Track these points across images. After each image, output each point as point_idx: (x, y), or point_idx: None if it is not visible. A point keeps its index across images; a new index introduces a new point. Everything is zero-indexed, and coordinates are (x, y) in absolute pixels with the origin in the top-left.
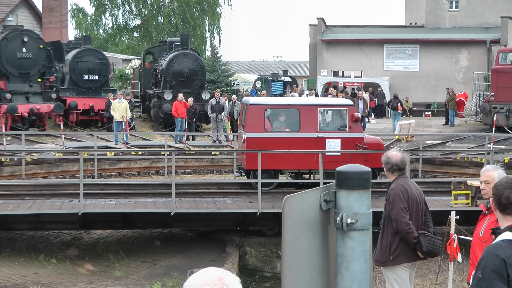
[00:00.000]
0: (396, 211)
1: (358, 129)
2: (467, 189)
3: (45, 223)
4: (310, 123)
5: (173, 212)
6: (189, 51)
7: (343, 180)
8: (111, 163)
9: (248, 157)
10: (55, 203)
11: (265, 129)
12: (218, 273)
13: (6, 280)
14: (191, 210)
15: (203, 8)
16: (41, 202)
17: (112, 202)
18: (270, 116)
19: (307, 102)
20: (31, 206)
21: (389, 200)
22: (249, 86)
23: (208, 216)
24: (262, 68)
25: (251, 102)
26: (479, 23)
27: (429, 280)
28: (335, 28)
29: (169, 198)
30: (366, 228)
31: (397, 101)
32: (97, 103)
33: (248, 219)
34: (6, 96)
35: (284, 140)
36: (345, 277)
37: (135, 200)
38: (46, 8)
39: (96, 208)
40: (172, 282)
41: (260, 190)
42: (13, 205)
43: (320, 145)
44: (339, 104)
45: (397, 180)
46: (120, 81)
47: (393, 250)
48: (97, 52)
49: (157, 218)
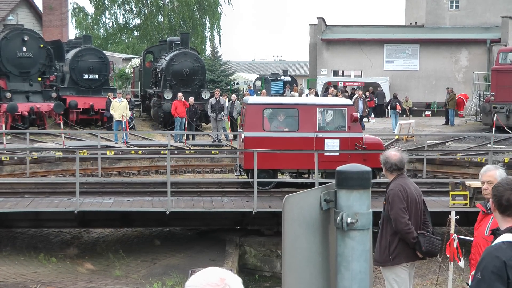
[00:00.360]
0: (395, 211)
1: (357, 129)
2: (465, 189)
3: (44, 221)
4: (309, 122)
5: (169, 211)
6: (189, 51)
7: (343, 180)
8: (111, 162)
9: (246, 157)
10: (53, 201)
11: (264, 128)
12: (220, 273)
13: (6, 279)
14: (186, 209)
15: (203, 7)
16: (40, 200)
17: (110, 200)
18: (269, 115)
19: (306, 102)
20: (29, 204)
21: (388, 200)
22: (248, 85)
23: (206, 215)
24: (262, 67)
25: (249, 101)
26: (480, 23)
27: (428, 280)
28: (335, 28)
29: (166, 197)
30: (366, 228)
31: (396, 100)
32: (97, 102)
33: (246, 218)
34: (6, 95)
35: (282, 140)
36: (345, 276)
37: (133, 198)
38: (47, 8)
39: (93, 206)
40: (172, 281)
41: (255, 189)
42: (11, 203)
43: (319, 145)
44: (338, 104)
45: (396, 180)
46: (120, 80)
47: (392, 250)
48: (97, 51)
49: (155, 217)
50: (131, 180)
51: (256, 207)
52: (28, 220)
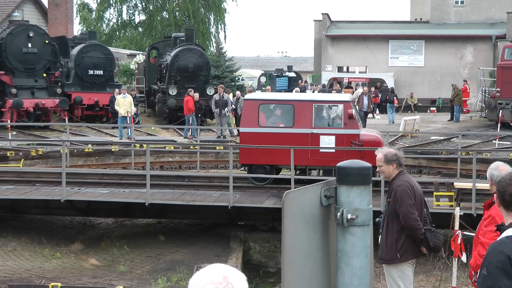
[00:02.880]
0: (405, 207)
1: (354, 126)
2: (451, 190)
3: (53, 209)
4: (304, 119)
5: (148, 203)
6: (193, 47)
7: (343, 176)
8: (115, 158)
9: (241, 152)
10: (40, 190)
11: (259, 124)
12: (223, 271)
13: (11, 274)
14: (164, 201)
15: (208, 3)
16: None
17: (104, 191)
18: (265, 111)
19: (301, 98)
20: (13, 192)
21: (396, 197)
22: (253, 81)
23: (200, 209)
24: (267, 63)
25: (246, 97)
26: (485, 18)
27: (433, 277)
28: (340, 24)
29: (164, 190)
30: (367, 224)
31: (393, 95)
32: (102, 98)
33: (241, 213)
34: (12, 91)
35: (277, 136)
36: (345, 272)
37: (130, 190)
38: (52, 4)
39: (79, 196)
40: (177, 277)
41: (231, 184)
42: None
43: (314, 141)
44: (334, 100)
45: (401, 176)
46: (124, 76)
47: (399, 247)
48: (102, 47)
49: (155, 209)
50: (130, 172)
51: (232, 202)
52: (39, 208)
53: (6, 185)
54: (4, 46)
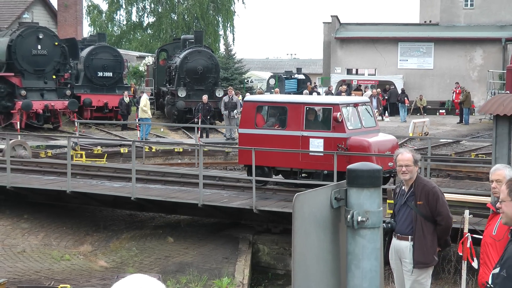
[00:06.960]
0: (446, 208)
1: (341, 130)
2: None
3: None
4: (296, 121)
5: (134, 197)
6: (203, 49)
7: (353, 178)
8: (124, 160)
9: (239, 153)
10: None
11: (256, 125)
12: (141, 282)
13: (20, 275)
14: (150, 197)
15: (217, 6)
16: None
17: (107, 184)
18: (262, 113)
19: (293, 100)
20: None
21: (434, 198)
22: (263, 83)
23: (206, 208)
24: (276, 65)
25: (245, 99)
26: (494, 21)
27: (442, 280)
28: (349, 26)
29: (172, 186)
30: (377, 226)
31: (404, 95)
32: (111, 100)
33: (243, 214)
34: (21, 92)
35: (271, 138)
36: (355, 275)
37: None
38: (62, 5)
39: (81, 188)
40: (186, 279)
41: (201, 183)
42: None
43: (304, 144)
44: (324, 103)
45: (421, 177)
46: (134, 78)
47: (435, 249)
48: (111, 49)
49: (165, 204)
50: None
51: (202, 201)
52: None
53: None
54: (14, 48)
